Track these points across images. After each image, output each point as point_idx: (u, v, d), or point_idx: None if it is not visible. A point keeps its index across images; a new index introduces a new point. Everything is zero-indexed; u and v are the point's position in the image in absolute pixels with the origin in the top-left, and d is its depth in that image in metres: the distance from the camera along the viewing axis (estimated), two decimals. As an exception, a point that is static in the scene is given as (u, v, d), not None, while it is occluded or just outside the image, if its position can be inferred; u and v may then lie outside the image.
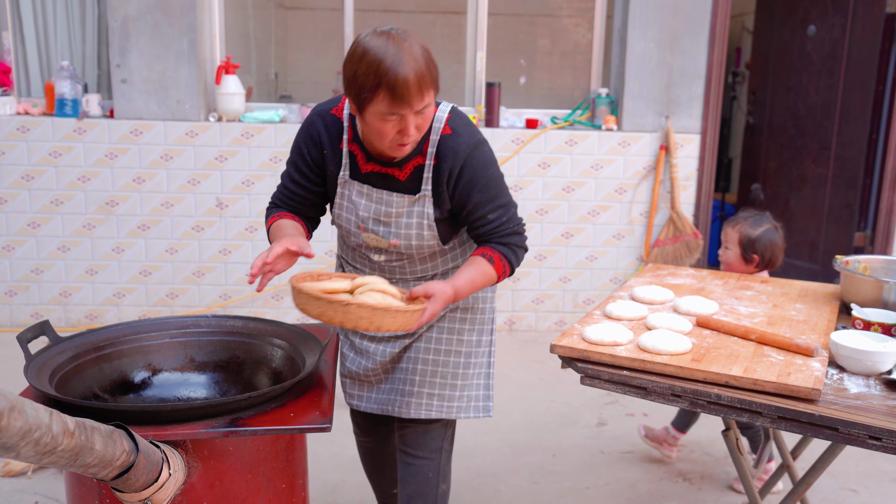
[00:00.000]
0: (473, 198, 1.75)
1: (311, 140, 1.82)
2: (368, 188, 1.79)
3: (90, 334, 1.72)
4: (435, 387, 1.92)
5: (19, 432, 1.02)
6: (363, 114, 1.62)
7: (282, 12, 5.48)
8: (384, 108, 1.57)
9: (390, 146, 1.66)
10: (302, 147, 1.83)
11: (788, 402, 1.49)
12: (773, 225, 2.61)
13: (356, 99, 1.61)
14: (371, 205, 1.79)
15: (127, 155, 4.08)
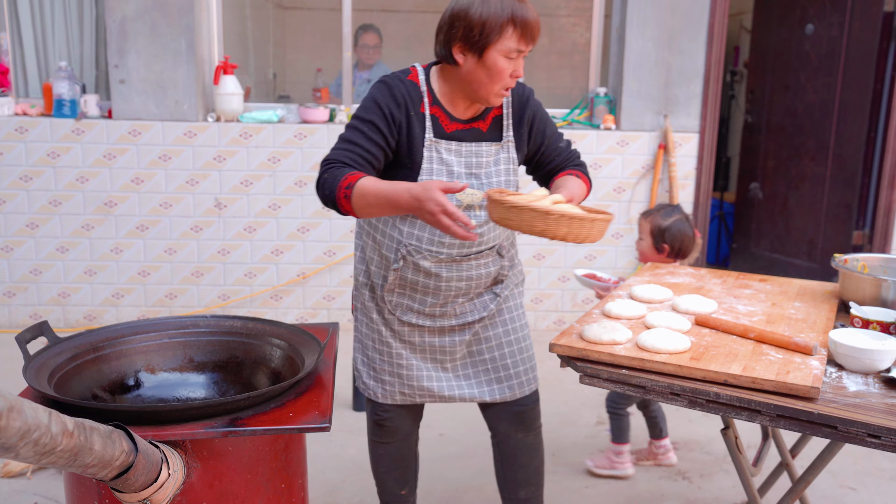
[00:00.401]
0: (547, 132, 1.98)
1: (394, 101, 1.80)
2: (457, 143, 1.85)
3: (89, 335, 1.72)
4: (525, 361, 2.06)
5: (18, 432, 1.02)
6: (484, 55, 1.71)
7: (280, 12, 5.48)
8: (512, 44, 1.71)
9: (497, 91, 1.77)
10: (384, 107, 1.79)
11: (787, 400, 1.49)
12: (684, 216, 2.69)
13: (478, 41, 1.70)
14: (462, 159, 1.85)
15: (125, 155, 4.08)
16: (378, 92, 1.82)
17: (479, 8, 1.69)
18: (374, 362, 2.05)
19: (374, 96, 1.82)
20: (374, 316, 2.02)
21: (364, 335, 2.07)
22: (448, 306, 1.98)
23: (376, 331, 2.03)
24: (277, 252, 4.22)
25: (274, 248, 4.22)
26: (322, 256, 4.23)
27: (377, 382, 2.06)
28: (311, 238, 4.20)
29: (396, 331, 2.01)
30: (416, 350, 2.03)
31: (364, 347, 2.08)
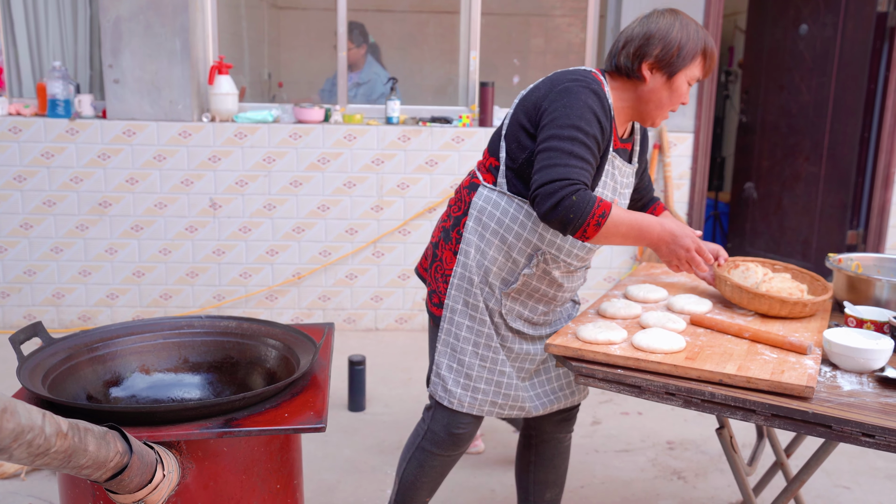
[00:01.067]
0: (645, 163, 2.08)
1: (605, 114, 1.75)
2: (621, 161, 1.89)
3: (83, 335, 1.72)
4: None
5: (12, 434, 1.02)
6: (672, 78, 1.79)
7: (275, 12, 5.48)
8: (698, 72, 1.82)
9: (666, 114, 1.87)
10: (602, 121, 1.73)
11: (782, 399, 1.49)
12: None
13: (672, 62, 1.78)
14: (622, 178, 1.92)
15: (120, 156, 4.07)
16: (592, 101, 1.72)
17: (679, 33, 1.78)
18: (470, 369, 1.92)
19: (591, 106, 1.71)
20: (487, 319, 1.90)
21: (462, 339, 1.91)
22: (551, 315, 2.00)
23: (485, 335, 1.90)
24: (272, 252, 4.22)
25: (269, 248, 4.21)
26: (317, 257, 4.22)
27: (467, 391, 1.93)
28: (306, 238, 4.20)
29: (503, 335, 1.93)
30: (511, 358, 1.95)
31: (458, 352, 1.92)
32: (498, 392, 1.95)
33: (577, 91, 1.73)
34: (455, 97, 4.55)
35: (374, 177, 4.18)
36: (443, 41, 5.01)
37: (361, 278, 4.28)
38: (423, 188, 4.21)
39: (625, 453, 2.97)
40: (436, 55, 5.05)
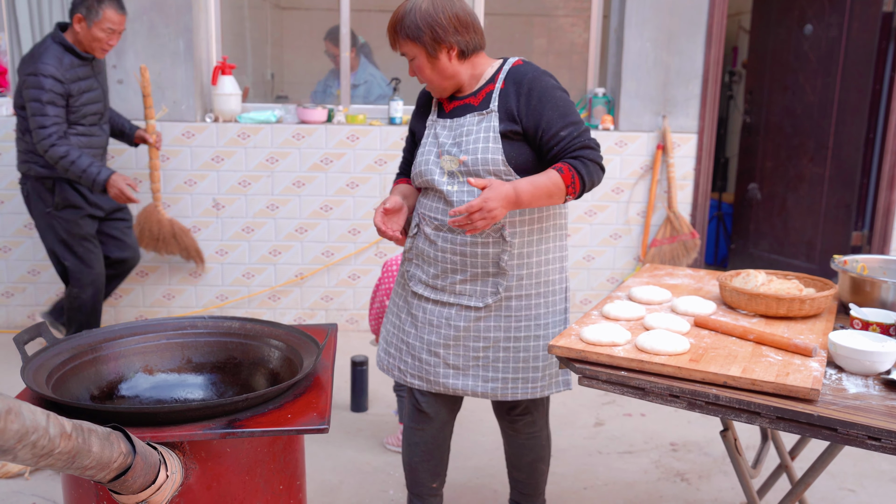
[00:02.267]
0: (545, 115, 1.90)
1: (426, 94, 2.12)
2: (450, 120, 2.01)
3: (87, 335, 1.72)
4: (518, 371, 2.05)
5: (16, 435, 1.02)
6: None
7: (278, 13, 5.48)
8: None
9: (431, 88, 2.02)
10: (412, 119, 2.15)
11: (787, 402, 1.49)
12: None
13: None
14: (450, 132, 1.99)
15: (123, 156, 4.07)
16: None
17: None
18: (388, 333, 2.19)
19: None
20: (402, 287, 2.15)
21: (390, 305, 2.22)
22: (447, 280, 2.02)
23: (400, 301, 2.16)
24: (275, 252, 4.22)
25: (272, 248, 4.21)
26: (320, 257, 4.22)
27: (384, 354, 2.20)
28: (309, 239, 4.20)
29: (409, 301, 2.11)
30: (417, 325, 2.09)
31: (387, 317, 2.22)
32: (405, 360, 2.12)
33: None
34: (458, 98, 4.54)
35: (377, 177, 4.18)
36: (446, 41, 5.01)
37: (364, 279, 4.28)
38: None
39: (628, 455, 2.96)
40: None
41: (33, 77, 3.00)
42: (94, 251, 3.35)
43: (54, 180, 3.19)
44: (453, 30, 1.92)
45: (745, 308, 1.97)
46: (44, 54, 3.05)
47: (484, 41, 2.03)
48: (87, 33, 2.99)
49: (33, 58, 3.09)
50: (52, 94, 3.00)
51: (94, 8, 2.94)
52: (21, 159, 3.27)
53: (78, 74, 3.10)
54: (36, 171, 3.21)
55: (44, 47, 3.10)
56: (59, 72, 3.03)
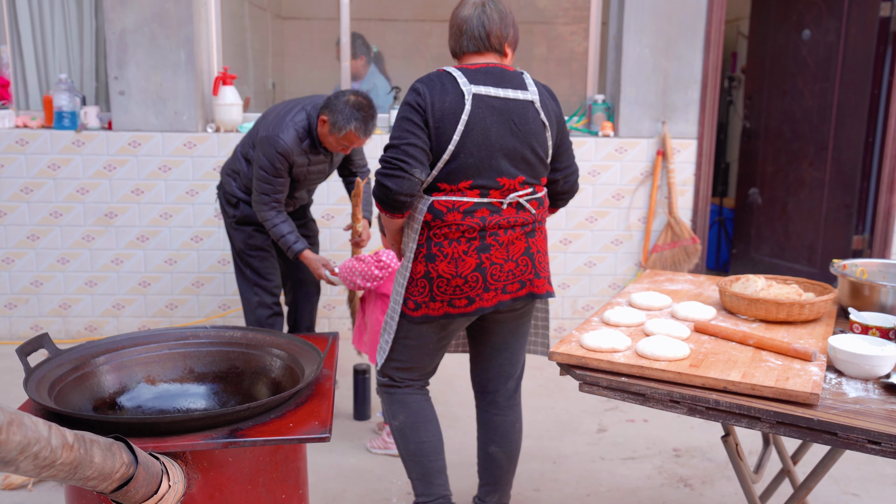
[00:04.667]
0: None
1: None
2: None
3: (89, 346, 1.73)
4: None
5: (18, 446, 1.02)
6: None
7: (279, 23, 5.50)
8: None
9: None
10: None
11: (787, 406, 1.49)
12: None
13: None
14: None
15: (125, 166, 4.09)
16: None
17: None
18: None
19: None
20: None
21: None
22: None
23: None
24: (277, 261, 4.22)
25: (274, 257, 4.22)
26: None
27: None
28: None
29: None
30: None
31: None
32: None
33: None
34: (458, 105, 4.55)
35: (379, 185, 4.18)
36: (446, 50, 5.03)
37: (366, 287, 4.28)
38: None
39: (631, 461, 2.96)
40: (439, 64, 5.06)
41: (268, 146, 3.01)
42: (269, 261, 3.35)
43: (239, 199, 3.24)
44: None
45: (745, 313, 1.97)
46: (292, 128, 3.02)
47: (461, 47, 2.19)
48: (327, 135, 3.01)
49: (277, 123, 3.04)
50: (277, 169, 3.03)
51: (338, 124, 2.94)
52: (228, 170, 3.30)
53: (309, 159, 3.11)
54: (229, 187, 3.26)
55: (295, 118, 3.05)
56: (292, 152, 3.03)
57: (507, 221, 2.08)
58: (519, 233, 2.10)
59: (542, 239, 2.19)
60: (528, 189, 2.10)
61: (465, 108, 2.01)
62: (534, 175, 2.11)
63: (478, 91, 2.02)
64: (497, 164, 2.05)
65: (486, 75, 2.06)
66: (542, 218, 2.17)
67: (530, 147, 2.07)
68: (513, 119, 2.05)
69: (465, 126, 2.01)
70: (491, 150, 2.03)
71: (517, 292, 2.12)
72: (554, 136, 2.14)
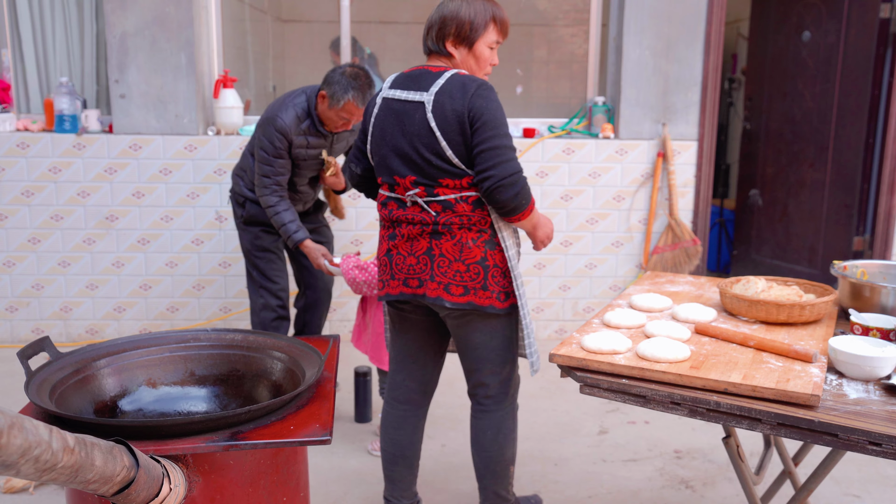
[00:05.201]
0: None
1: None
2: None
3: (90, 350, 1.73)
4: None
5: (19, 450, 1.03)
6: (472, 48, 2.15)
7: (279, 25, 5.51)
8: (494, 37, 2.17)
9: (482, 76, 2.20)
10: None
11: (788, 408, 1.49)
12: None
13: (468, 36, 2.13)
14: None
15: (126, 170, 4.10)
16: None
17: (466, 10, 2.11)
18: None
19: None
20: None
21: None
22: None
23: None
24: (278, 264, 4.23)
25: (275, 260, 4.23)
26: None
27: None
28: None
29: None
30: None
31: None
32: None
33: None
34: (459, 108, 4.55)
35: (379, 188, 4.19)
36: (446, 52, 5.03)
37: (367, 289, 4.29)
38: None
39: (632, 463, 2.96)
40: (439, 66, 5.08)
41: (269, 127, 3.05)
42: (276, 263, 3.36)
43: (246, 199, 3.26)
44: None
45: (746, 315, 1.97)
46: (292, 109, 3.07)
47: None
48: (326, 110, 3.05)
49: (279, 106, 3.10)
50: (277, 150, 3.06)
51: (336, 95, 2.98)
52: (237, 170, 3.33)
53: (307, 141, 3.13)
54: (237, 187, 3.29)
55: (295, 100, 3.11)
56: (291, 132, 3.07)
57: (408, 217, 2.12)
58: (419, 230, 2.11)
59: (450, 244, 2.08)
60: (420, 189, 2.08)
61: (373, 111, 2.18)
62: (427, 176, 2.07)
63: (386, 95, 2.16)
64: (391, 162, 2.13)
65: (405, 79, 2.16)
66: (449, 222, 2.07)
67: (415, 148, 2.06)
68: (404, 121, 2.09)
69: (372, 127, 2.18)
70: (386, 150, 2.14)
71: (416, 289, 2.14)
72: (455, 138, 2.01)
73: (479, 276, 2.09)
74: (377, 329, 3.00)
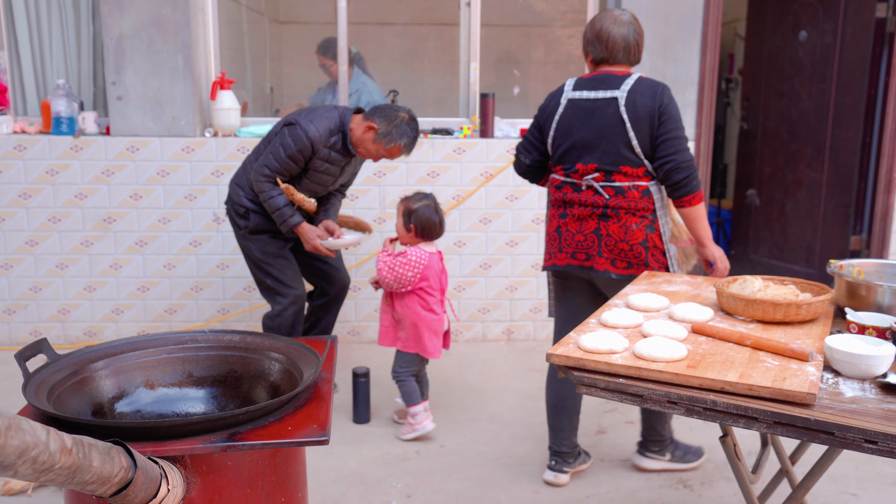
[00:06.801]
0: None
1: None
2: None
3: (88, 351, 1.73)
4: None
5: (16, 451, 1.03)
6: None
7: (276, 27, 5.51)
8: None
9: None
10: None
11: (784, 407, 1.49)
12: (432, 203, 3.08)
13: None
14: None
15: (124, 171, 4.10)
16: None
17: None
18: None
19: None
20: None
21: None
22: None
23: None
24: (276, 265, 4.23)
25: (273, 261, 4.23)
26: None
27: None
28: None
29: None
30: None
31: None
32: None
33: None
34: (456, 109, 4.57)
35: (377, 189, 4.20)
36: (443, 53, 5.04)
37: (364, 290, 4.29)
38: (426, 200, 4.23)
39: (630, 462, 2.96)
40: (436, 67, 5.08)
41: (300, 131, 3.06)
42: (290, 268, 3.35)
43: (248, 209, 3.26)
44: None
45: (742, 314, 1.98)
46: (325, 123, 3.09)
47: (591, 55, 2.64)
48: (364, 139, 3.08)
49: (312, 114, 3.12)
50: (297, 155, 3.08)
51: (391, 135, 3.03)
52: (232, 182, 3.32)
53: (331, 156, 3.14)
54: (237, 198, 3.28)
55: (328, 114, 3.12)
56: (320, 143, 3.09)
57: (581, 200, 2.55)
58: (590, 212, 2.54)
59: (616, 226, 2.52)
60: (599, 175, 2.52)
61: (558, 110, 2.60)
62: (609, 163, 2.50)
63: (572, 96, 2.58)
64: (575, 152, 2.56)
65: (590, 82, 2.57)
66: (619, 206, 2.50)
67: (603, 138, 2.49)
68: (593, 116, 2.51)
69: (556, 124, 2.60)
70: (571, 141, 2.56)
71: (584, 262, 2.58)
72: (643, 129, 2.45)
73: (641, 255, 2.53)
74: (415, 321, 3.07)
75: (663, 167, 2.46)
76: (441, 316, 3.14)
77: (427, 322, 3.09)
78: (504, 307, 4.37)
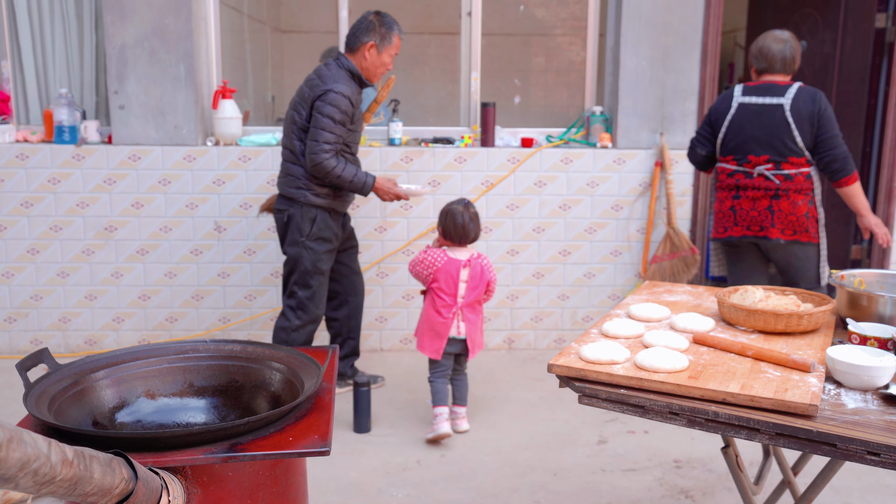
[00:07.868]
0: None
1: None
2: None
3: (88, 361, 1.72)
4: None
5: (18, 463, 1.02)
6: None
7: (278, 36, 5.53)
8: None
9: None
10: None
11: (786, 418, 1.49)
12: (464, 208, 3.19)
13: None
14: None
15: (125, 180, 4.11)
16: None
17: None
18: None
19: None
20: None
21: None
22: None
23: None
24: (276, 274, 4.23)
25: (273, 270, 4.23)
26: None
27: None
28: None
29: None
30: None
31: None
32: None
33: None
34: (457, 118, 4.58)
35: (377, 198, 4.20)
36: (444, 62, 5.05)
37: (366, 299, 4.29)
38: (427, 209, 4.23)
39: (631, 472, 2.96)
40: (437, 76, 5.09)
41: (334, 94, 3.15)
42: (325, 288, 3.41)
43: (318, 211, 3.28)
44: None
45: (744, 324, 1.98)
46: (340, 78, 3.21)
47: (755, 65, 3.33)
48: (376, 59, 3.24)
49: (326, 79, 3.22)
50: (344, 116, 3.19)
51: (386, 36, 3.21)
52: (293, 184, 3.30)
53: (359, 101, 3.30)
54: (308, 199, 3.28)
55: (335, 71, 3.24)
56: (354, 95, 3.23)
57: (753, 184, 3.22)
58: (762, 193, 3.21)
59: (787, 203, 3.18)
60: (771, 165, 3.18)
61: (730, 112, 3.27)
62: (779, 155, 3.17)
63: (742, 101, 3.24)
64: (748, 146, 3.23)
65: (757, 90, 3.23)
66: (789, 188, 3.17)
67: (773, 136, 3.16)
68: (762, 117, 3.18)
69: (729, 122, 3.27)
70: (743, 137, 3.23)
71: (758, 232, 3.25)
72: (806, 129, 3.13)
73: (804, 223, 3.21)
74: (423, 317, 3.25)
75: (823, 160, 3.15)
76: (448, 320, 3.18)
77: (431, 322, 3.20)
78: (505, 316, 4.37)
